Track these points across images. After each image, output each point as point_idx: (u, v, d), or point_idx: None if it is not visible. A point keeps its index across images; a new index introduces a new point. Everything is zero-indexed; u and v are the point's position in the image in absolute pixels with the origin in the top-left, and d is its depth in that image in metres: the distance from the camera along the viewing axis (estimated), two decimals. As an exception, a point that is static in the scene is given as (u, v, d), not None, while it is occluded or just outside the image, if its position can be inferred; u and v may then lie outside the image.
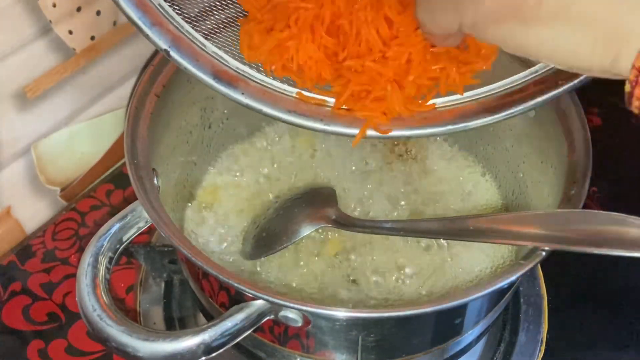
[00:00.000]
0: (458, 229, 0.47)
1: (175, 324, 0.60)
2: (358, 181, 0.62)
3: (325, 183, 0.62)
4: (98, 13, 0.61)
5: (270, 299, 0.40)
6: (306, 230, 0.52)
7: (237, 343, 0.41)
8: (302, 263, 0.56)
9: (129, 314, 0.60)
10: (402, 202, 0.60)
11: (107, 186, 0.70)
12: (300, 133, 0.65)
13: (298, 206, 0.56)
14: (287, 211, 0.56)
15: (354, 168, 0.63)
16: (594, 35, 0.33)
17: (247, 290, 0.40)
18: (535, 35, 0.35)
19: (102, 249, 0.44)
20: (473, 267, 0.55)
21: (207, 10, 0.46)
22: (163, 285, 0.62)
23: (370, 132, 0.44)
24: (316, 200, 0.56)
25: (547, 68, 0.44)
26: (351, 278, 0.55)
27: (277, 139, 0.66)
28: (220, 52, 0.45)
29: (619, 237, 0.38)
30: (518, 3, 0.34)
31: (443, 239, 0.53)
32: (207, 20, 0.46)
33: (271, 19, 0.45)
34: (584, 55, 0.34)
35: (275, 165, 0.63)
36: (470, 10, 0.36)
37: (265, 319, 0.41)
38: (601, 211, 0.40)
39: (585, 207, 0.44)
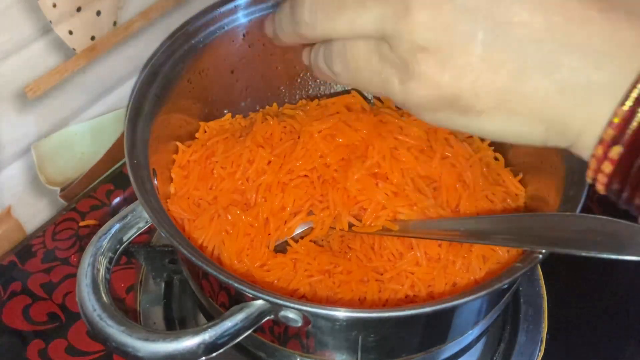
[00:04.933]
0: (450, 231, 0.47)
1: (175, 324, 0.60)
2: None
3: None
4: (98, 13, 0.61)
5: (271, 298, 0.40)
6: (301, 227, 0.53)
7: (238, 343, 0.41)
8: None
9: (129, 314, 0.60)
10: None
11: (107, 186, 0.70)
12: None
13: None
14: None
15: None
16: (544, 125, 0.32)
17: (247, 290, 0.40)
18: (477, 123, 0.33)
19: (102, 249, 0.44)
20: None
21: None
22: (163, 285, 0.62)
23: None
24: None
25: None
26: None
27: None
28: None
29: (610, 240, 0.38)
30: (451, 99, 0.32)
31: (431, 238, 0.53)
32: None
33: None
34: (537, 138, 0.33)
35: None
36: (398, 96, 0.34)
37: (265, 319, 0.41)
38: (592, 215, 0.40)
39: (584, 206, 0.44)
